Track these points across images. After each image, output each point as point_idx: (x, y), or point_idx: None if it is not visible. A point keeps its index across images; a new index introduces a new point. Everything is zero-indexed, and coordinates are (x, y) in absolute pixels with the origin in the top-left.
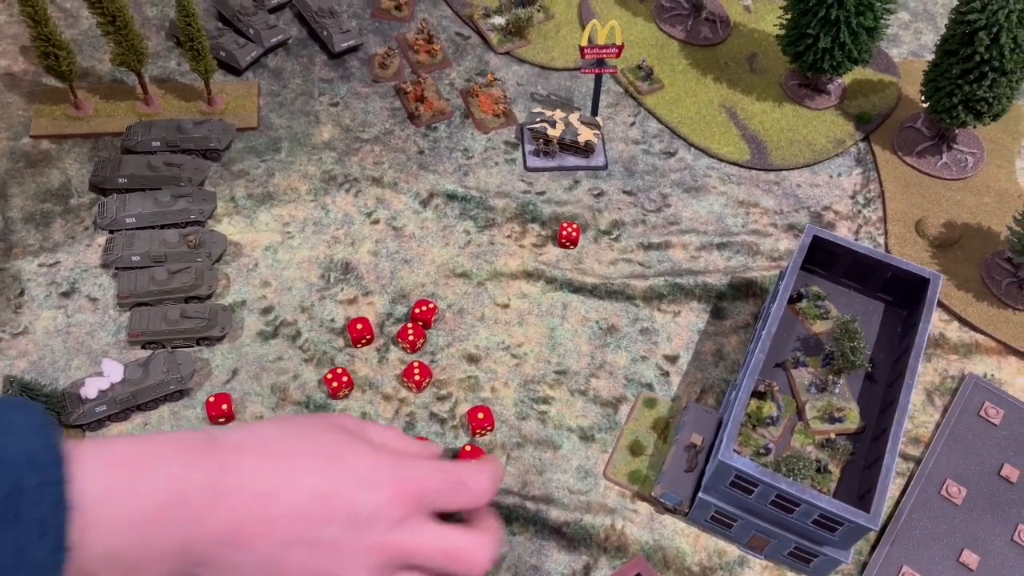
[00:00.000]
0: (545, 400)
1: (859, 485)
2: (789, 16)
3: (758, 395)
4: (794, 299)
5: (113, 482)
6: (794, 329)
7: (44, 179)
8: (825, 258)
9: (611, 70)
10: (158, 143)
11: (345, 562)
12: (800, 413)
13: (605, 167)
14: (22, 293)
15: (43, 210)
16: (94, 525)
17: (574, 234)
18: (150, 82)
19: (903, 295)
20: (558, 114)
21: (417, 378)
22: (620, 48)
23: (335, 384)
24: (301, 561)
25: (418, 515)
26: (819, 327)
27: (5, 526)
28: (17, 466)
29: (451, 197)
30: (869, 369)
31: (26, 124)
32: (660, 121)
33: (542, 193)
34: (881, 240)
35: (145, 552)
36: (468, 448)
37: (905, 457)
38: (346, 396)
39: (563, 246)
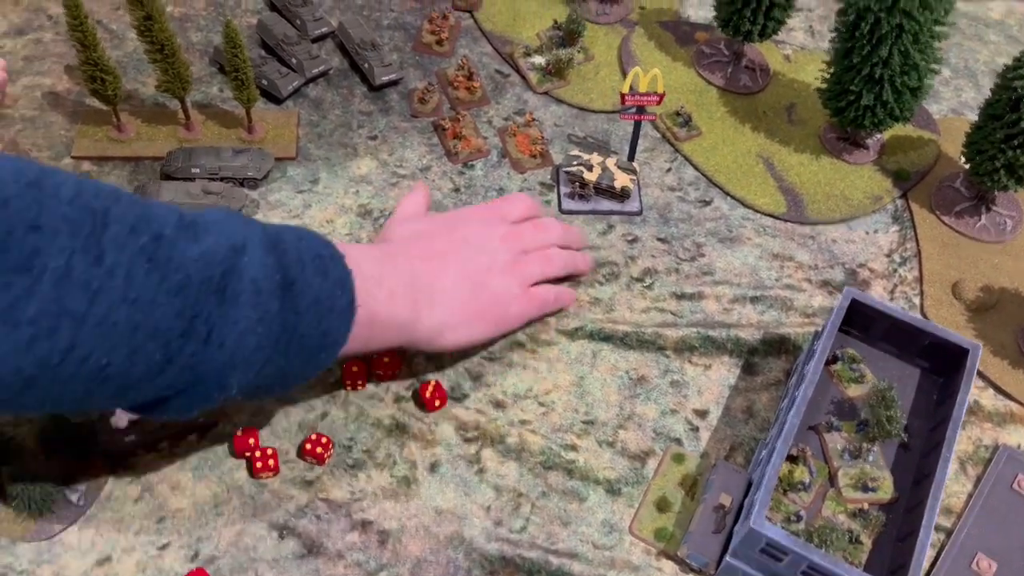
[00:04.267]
0: (572, 449)
1: (891, 559)
2: (832, 71)
3: (790, 459)
4: (829, 361)
5: (370, 271)
6: (828, 391)
7: None
8: (862, 320)
9: (651, 117)
10: (197, 170)
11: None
12: (832, 479)
13: (640, 213)
14: None
15: None
16: (363, 293)
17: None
18: (192, 107)
19: (941, 362)
20: (595, 158)
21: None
22: (661, 96)
23: (317, 450)
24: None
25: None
26: (854, 391)
27: (322, 277)
28: (318, 245)
29: None
30: (904, 439)
31: (68, 144)
32: (697, 168)
33: None
34: (917, 301)
35: (386, 316)
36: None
37: (936, 528)
38: (324, 461)
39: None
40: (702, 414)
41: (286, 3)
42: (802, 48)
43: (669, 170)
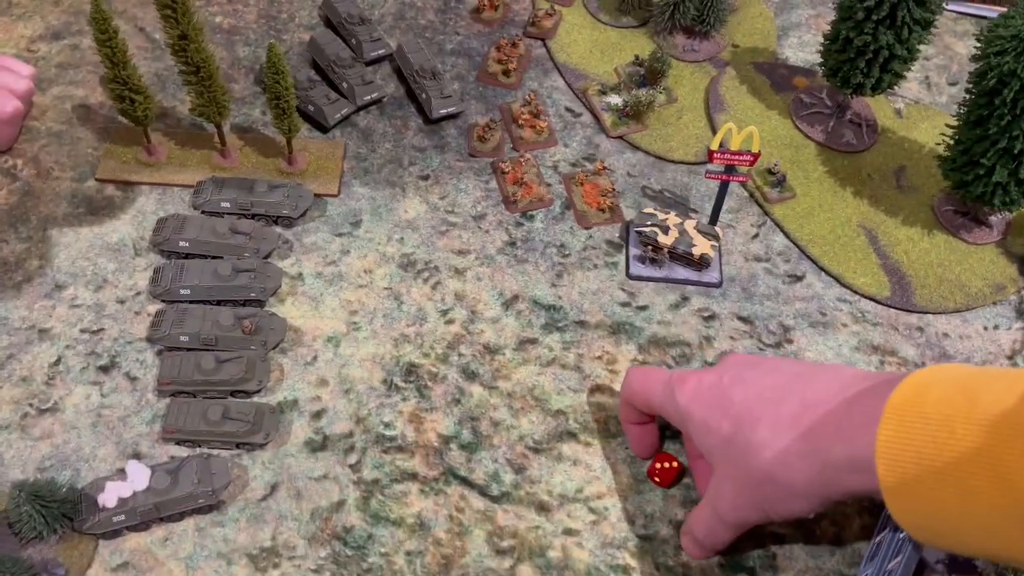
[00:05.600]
0: (625, 571)
1: None
2: (957, 136)
3: None
4: None
5: None
6: None
7: (102, 230)
8: None
9: (742, 178)
10: (227, 204)
11: None
12: None
13: (719, 285)
14: (58, 362)
15: (96, 267)
16: None
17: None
18: (230, 131)
19: None
20: (672, 219)
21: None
22: (756, 157)
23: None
24: None
25: None
26: None
27: None
28: None
29: (537, 303)
30: None
31: (94, 164)
32: (788, 236)
33: (644, 308)
34: None
35: None
36: None
37: None
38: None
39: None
40: (779, 539)
41: (342, 20)
42: (916, 102)
43: (756, 236)
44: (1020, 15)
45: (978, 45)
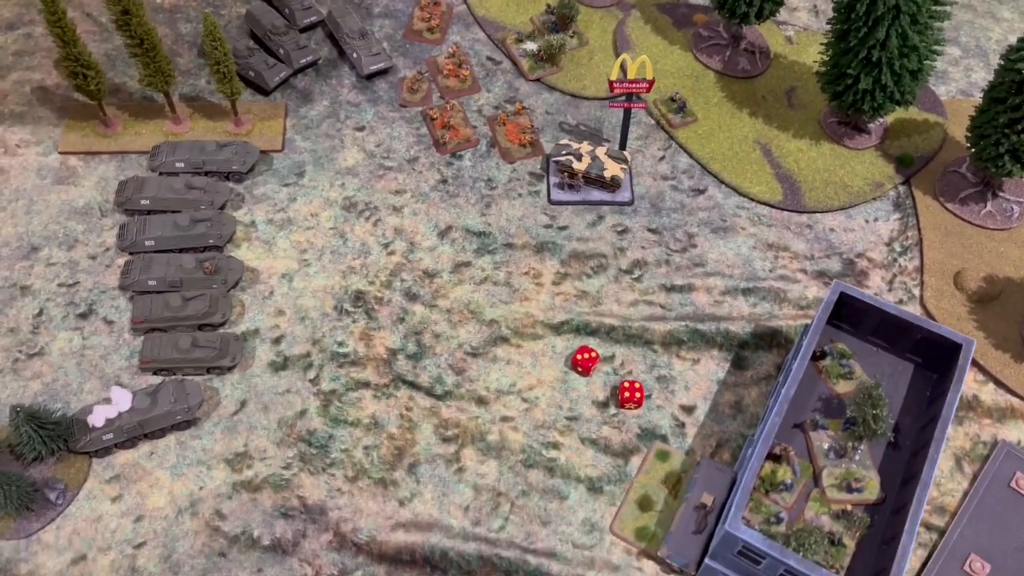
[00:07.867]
0: (555, 446)
1: (875, 562)
2: (830, 53)
3: (773, 458)
4: (818, 356)
5: None
6: (816, 388)
7: (69, 197)
8: (852, 314)
9: (640, 105)
10: (182, 164)
11: None
12: (816, 479)
13: (631, 203)
14: (40, 313)
15: (67, 229)
16: None
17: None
18: (179, 100)
19: (934, 358)
20: (585, 147)
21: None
22: (651, 83)
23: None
24: None
25: None
26: (842, 387)
27: None
28: None
29: (469, 231)
30: (891, 439)
31: (56, 140)
32: (691, 156)
33: (564, 228)
34: (917, 292)
35: None
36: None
37: (928, 527)
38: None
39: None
40: (689, 410)
41: None
42: (805, 29)
43: (663, 158)
44: None
45: None
